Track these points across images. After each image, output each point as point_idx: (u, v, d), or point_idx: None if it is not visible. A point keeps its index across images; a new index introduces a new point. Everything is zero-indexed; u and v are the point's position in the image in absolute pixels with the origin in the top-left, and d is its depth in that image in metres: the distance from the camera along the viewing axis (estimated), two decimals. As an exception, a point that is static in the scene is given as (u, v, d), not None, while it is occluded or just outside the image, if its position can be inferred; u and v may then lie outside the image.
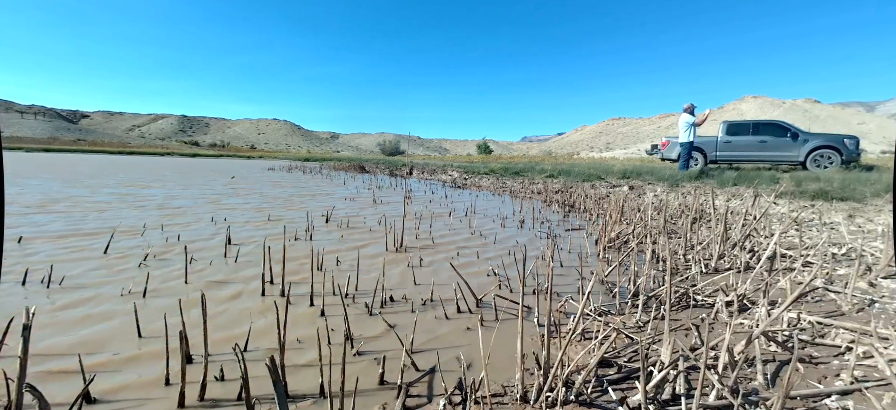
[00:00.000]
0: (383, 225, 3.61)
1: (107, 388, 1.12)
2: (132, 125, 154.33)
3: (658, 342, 1.41)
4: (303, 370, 1.24)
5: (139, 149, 66.43)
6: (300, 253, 2.64)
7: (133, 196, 5.51)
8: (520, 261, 2.47)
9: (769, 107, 77.42)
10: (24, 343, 0.86)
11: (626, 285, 2.02)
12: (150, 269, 2.17)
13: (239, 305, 1.74)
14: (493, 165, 15.33)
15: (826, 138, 9.47)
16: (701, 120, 8.68)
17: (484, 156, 46.46)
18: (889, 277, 1.94)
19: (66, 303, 1.70)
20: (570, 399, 1.06)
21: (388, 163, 18.00)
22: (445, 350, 1.37)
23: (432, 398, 1.11)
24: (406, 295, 1.91)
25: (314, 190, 7.20)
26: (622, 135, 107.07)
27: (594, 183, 8.09)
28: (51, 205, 4.42)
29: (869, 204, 4.31)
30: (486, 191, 7.44)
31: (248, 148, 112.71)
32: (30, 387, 0.88)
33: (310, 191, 7.04)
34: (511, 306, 1.78)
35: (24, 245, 2.63)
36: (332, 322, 1.57)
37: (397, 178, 11.11)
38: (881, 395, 1.06)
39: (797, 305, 1.70)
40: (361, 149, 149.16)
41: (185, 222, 3.61)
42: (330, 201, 5.49)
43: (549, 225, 3.91)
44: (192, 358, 1.26)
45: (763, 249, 2.53)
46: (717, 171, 8.41)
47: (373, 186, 8.23)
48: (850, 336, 1.39)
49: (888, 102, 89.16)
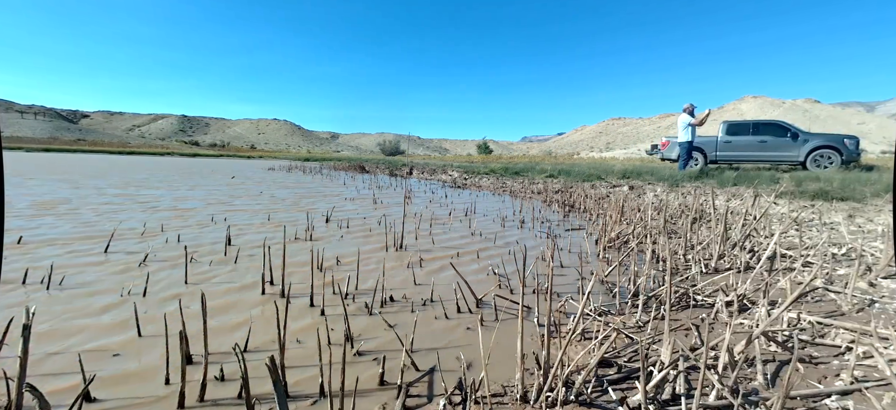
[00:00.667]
0: (383, 226, 3.61)
1: (107, 388, 1.12)
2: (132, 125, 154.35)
3: (658, 342, 1.41)
4: (303, 370, 1.24)
5: (139, 149, 66.44)
6: (300, 253, 2.64)
7: (134, 196, 5.51)
8: (520, 261, 2.47)
9: (769, 107, 77.43)
10: (24, 343, 0.86)
11: (626, 285, 2.02)
12: (151, 270, 2.17)
13: (239, 305, 1.74)
14: (493, 165, 15.34)
15: (826, 138, 9.48)
16: (699, 120, 8.66)
17: (484, 156, 46.46)
18: (889, 277, 1.94)
19: (66, 303, 1.70)
20: (570, 399, 1.06)
21: (388, 163, 18.01)
22: (445, 350, 1.37)
23: (432, 398, 1.11)
24: (406, 295, 1.91)
25: (314, 190, 7.20)
26: (622, 135, 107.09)
27: (594, 183, 8.09)
28: (50, 205, 4.42)
29: (869, 204, 4.31)
30: (486, 191, 7.44)
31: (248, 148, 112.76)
32: (30, 387, 0.88)
33: (310, 191, 7.04)
34: (511, 306, 1.78)
35: (23, 245, 2.63)
36: (332, 322, 1.57)
37: (397, 178, 11.10)
38: (881, 395, 1.06)
39: (797, 305, 1.70)
40: (361, 149, 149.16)
41: (185, 222, 3.61)
42: (330, 201, 5.49)
43: (549, 225, 3.91)
44: (192, 358, 1.26)
45: (763, 249, 2.53)
46: (717, 171, 8.41)
47: (373, 186, 8.23)
48: (850, 336, 1.39)
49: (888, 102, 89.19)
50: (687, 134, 8.74)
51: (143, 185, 7.10)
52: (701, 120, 8.64)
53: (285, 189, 7.29)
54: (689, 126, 8.66)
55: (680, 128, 8.90)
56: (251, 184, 8.27)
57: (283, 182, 9.05)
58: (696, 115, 8.68)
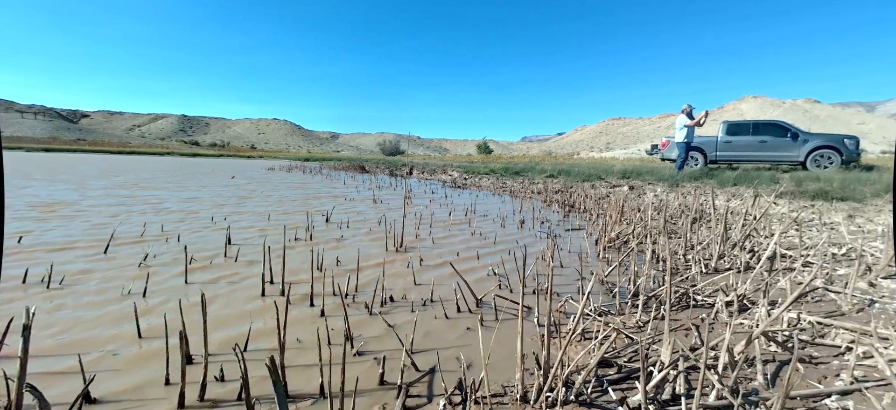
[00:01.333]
0: (383, 226, 3.61)
1: (107, 388, 1.12)
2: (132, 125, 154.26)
3: (658, 342, 1.41)
4: (303, 370, 1.24)
5: (139, 148, 66.43)
6: (300, 253, 2.64)
7: (134, 197, 5.51)
8: (520, 261, 2.47)
9: (769, 107, 77.41)
10: (24, 343, 0.86)
11: (626, 285, 2.02)
12: (151, 269, 2.17)
13: (239, 305, 1.74)
14: (493, 165, 15.33)
15: (826, 138, 9.47)
16: (696, 121, 8.71)
17: (484, 156, 46.46)
18: (889, 277, 1.94)
19: (67, 303, 1.70)
20: (570, 399, 1.06)
21: (388, 163, 18.00)
22: (445, 350, 1.37)
23: (432, 398, 1.11)
24: (406, 295, 1.91)
25: (314, 190, 7.20)
26: (622, 135, 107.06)
27: (594, 183, 8.09)
28: (50, 205, 4.42)
29: (869, 204, 4.31)
30: (486, 191, 7.44)
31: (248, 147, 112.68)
32: (30, 387, 0.88)
33: (310, 191, 7.04)
34: (511, 306, 1.78)
35: (23, 244, 2.63)
36: (332, 322, 1.57)
37: (397, 178, 11.10)
38: (881, 395, 1.06)
39: (797, 305, 1.70)
40: (361, 149, 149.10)
41: (184, 222, 3.61)
42: (330, 201, 5.49)
43: (549, 225, 3.91)
44: (192, 358, 1.26)
45: (763, 249, 2.53)
46: (717, 171, 8.42)
47: (373, 186, 8.23)
48: (850, 336, 1.39)
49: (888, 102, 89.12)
50: (683, 134, 8.83)
51: (145, 186, 7.10)
52: (698, 120, 8.67)
53: (286, 189, 7.29)
54: (684, 126, 8.77)
55: (677, 129, 8.98)
56: (255, 184, 8.26)
57: (284, 182, 9.05)
58: (694, 116, 8.73)
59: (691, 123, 8.70)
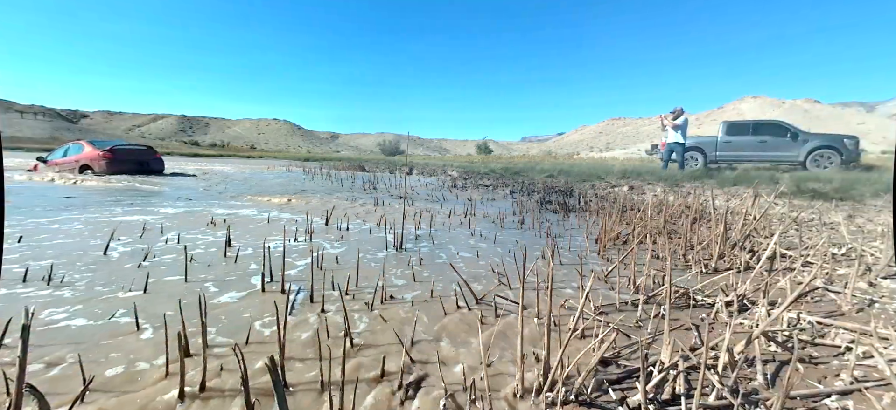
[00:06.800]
0: (383, 225, 3.61)
1: (106, 388, 1.12)
2: (132, 125, 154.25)
3: (658, 342, 1.41)
4: (302, 367, 1.24)
5: (139, 148, 66.20)
6: (300, 252, 2.64)
7: (134, 196, 5.51)
8: (520, 260, 2.46)
9: (769, 107, 77.37)
10: (24, 342, 0.86)
11: (626, 284, 2.02)
12: (150, 268, 2.17)
13: (238, 303, 1.74)
14: (493, 165, 15.34)
15: (826, 138, 9.48)
16: (671, 122, 9.32)
17: (484, 156, 46.46)
18: (889, 277, 1.94)
19: (66, 302, 1.70)
20: (570, 399, 1.06)
21: (388, 163, 17.99)
22: (445, 349, 1.37)
23: (432, 396, 1.11)
24: (406, 293, 1.91)
25: (314, 190, 7.20)
26: (622, 135, 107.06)
27: (594, 183, 8.09)
28: (50, 205, 4.42)
29: (869, 204, 4.31)
30: (486, 191, 7.43)
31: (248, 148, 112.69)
32: (30, 387, 0.88)
33: (310, 192, 7.04)
34: (511, 305, 1.78)
35: (24, 244, 2.63)
36: (332, 319, 1.57)
37: (397, 178, 11.09)
38: (881, 395, 1.06)
39: (797, 305, 1.70)
40: (361, 149, 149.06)
41: (184, 222, 3.61)
42: (330, 201, 5.49)
43: (548, 224, 3.91)
44: (192, 356, 1.26)
45: (763, 249, 2.53)
46: (717, 171, 8.43)
47: (372, 186, 8.22)
48: (850, 336, 1.39)
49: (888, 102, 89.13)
50: (668, 134, 9.44)
51: (145, 184, 7.10)
52: (672, 119, 9.27)
53: (288, 189, 7.29)
54: (668, 128, 9.41)
55: (670, 131, 9.48)
56: (254, 183, 8.26)
57: (286, 181, 9.04)
58: (679, 119, 9.36)
59: (669, 122, 9.36)
